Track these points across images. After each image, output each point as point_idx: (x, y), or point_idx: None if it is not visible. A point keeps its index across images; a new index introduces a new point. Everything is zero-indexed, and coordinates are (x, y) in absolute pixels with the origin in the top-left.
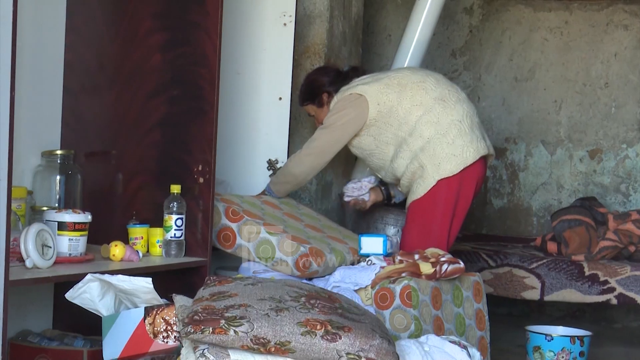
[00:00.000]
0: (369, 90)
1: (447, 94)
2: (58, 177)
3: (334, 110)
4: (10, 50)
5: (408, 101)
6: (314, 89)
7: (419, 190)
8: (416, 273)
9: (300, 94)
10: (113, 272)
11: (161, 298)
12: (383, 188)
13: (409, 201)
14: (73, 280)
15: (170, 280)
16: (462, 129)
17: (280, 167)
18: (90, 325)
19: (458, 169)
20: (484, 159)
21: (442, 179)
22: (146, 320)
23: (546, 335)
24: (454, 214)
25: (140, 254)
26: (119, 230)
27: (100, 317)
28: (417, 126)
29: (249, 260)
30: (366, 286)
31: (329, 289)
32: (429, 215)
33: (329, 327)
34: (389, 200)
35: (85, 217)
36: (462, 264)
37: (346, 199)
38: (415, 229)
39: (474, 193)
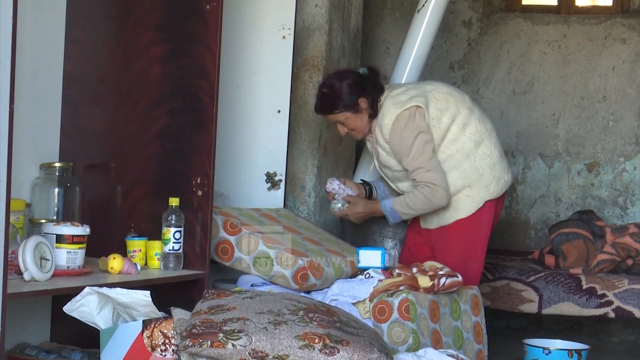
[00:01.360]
0: (426, 104)
1: (483, 115)
2: (56, 190)
3: (408, 137)
4: (9, 62)
5: (457, 119)
6: (350, 97)
7: (466, 209)
8: (414, 286)
9: (330, 102)
10: (111, 285)
11: (159, 311)
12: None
13: (449, 218)
14: (71, 293)
15: (169, 293)
16: (501, 152)
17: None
18: (88, 338)
19: (502, 192)
20: None
21: (488, 201)
22: (144, 334)
23: (544, 348)
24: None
25: (139, 267)
26: (117, 243)
27: (98, 330)
28: (465, 145)
29: (247, 273)
30: (364, 299)
31: (327, 302)
32: (473, 236)
33: (327, 341)
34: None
35: (83, 230)
36: (460, 278)
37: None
38: (459, 248)
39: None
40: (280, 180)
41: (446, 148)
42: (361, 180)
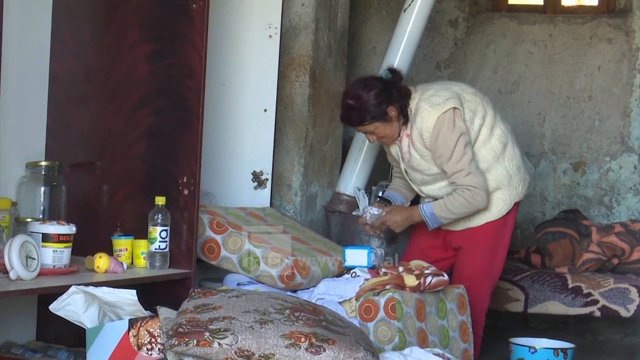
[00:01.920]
0: (460, 105)
1: (502, 118)
2: (42, 189)
3: (450, 140)
4: None
5: (487, 121)
6: (378, 107)
7: (496, 211)
8: (400, 285)
9: (358, 115)
10: (97, 284)
11: (145, 310)
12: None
13: (478, 220)
14: (57, 292)
15: (155, 292)
16: (522, 154)
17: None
18: (74, 337)
19: (527, 192)
20: None
21: (516, 202)
22: (130, 333)
23: (530, 347)
24: None
25: (125, 266)
26: (103, 242)
27: (84, 329)
28: (495, 147)
29: (233, 272)
30: (350, 298)
31: (313, 301)
32: (500, 237)
33: (313, 340)
34: None
35: (69, 229)
36: (446, 277)
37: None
38: (486, 249)
39: None
40: (267, 179)
41: (477, 150)
42: (378, 197)
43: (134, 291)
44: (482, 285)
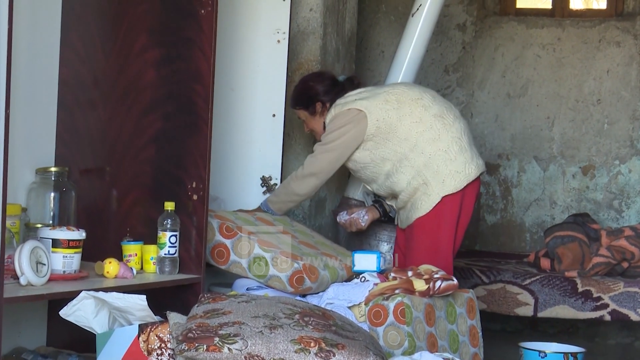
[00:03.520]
0: (369, 106)
1: (445, 111)
2: (52, 194)
3: (333, 127)
4: (5, 67)
5: (408, 118)
6: (308, 96)
7: (423, 207)
8: (410, 290)
9: (294, 97)
10: (107, 290)
11: (155, 315)
12: (378, 205)
13: (412, 218)
14: (67, 298)
15: (164, 297)
16: (462, 146)
17: (278, 186)
18: (84, 343)
19: (462, 185)
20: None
21: (446, 196)
22: (140, 338)
23: (540, 352)
24: (456, 230)
25: (134, 271)
26: (113, 247)
27: (95, 335)
28: (419, 143)
29: (242, 277)
30: (360, 303)
31: (322, 305)
32: (435, 232)
33: (323, 345)
34: (386, 216)
35: (79, 234)
36: (455, 281)
37: (340, 219)
38: (424, 246)
39: (473, 208)
40: (276, 184)
41: (398, 147)
42: (372, 201)
43: (144, 296)
44: None
